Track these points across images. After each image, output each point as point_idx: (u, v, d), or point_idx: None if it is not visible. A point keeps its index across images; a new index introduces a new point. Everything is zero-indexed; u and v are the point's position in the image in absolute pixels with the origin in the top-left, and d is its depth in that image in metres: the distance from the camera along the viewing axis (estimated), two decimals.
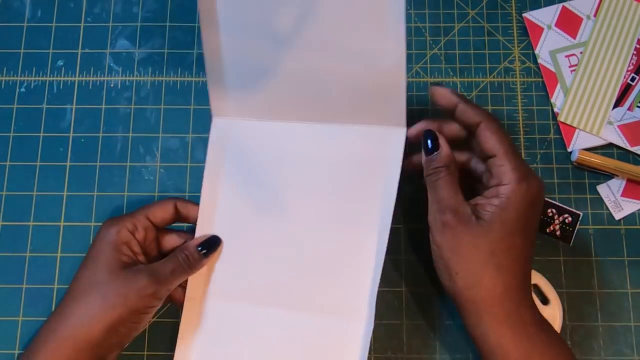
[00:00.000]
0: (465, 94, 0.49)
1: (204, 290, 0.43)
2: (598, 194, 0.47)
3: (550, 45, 0.50)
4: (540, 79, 0.49)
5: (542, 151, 0.48)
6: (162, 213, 0.42)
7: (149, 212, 0.41)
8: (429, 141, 0.39)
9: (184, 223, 0.44)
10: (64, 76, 0.50)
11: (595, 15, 0.50)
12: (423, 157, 0.40)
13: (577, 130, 0.48)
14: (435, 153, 0.39)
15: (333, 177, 0.43)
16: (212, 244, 0.41)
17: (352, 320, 0.41)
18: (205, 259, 0.41)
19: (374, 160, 0.43)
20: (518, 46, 0.50)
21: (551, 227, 0.46)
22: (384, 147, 0.42)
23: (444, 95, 0.40)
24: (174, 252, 0.40)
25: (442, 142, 0.39)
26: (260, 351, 0.42)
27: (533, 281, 0.44)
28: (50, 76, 0.50)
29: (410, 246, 0.46)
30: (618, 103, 0.48)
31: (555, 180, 0.47)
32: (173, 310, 0.45)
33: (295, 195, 0.43)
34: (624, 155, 0.48)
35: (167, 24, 0.51)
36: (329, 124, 0.44)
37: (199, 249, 0.40)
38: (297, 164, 0.44)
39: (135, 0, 0.51)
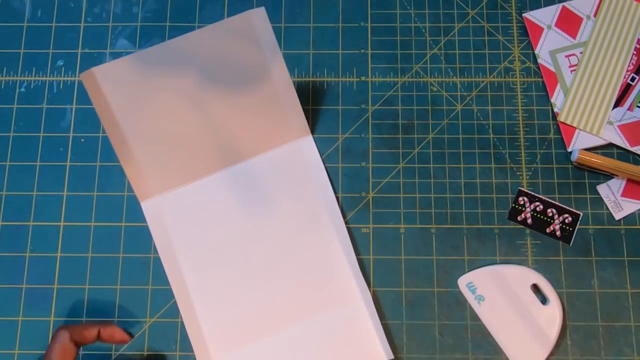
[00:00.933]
0: (465, 94, 0.49)
1: (209, 348, 0.44)
2: (598, 194, 0.47)
3: (550, 45, 0.50)
4: (540, 79, 0.49)
5: (542, 151, 0.48)
6: (90, 336, 0.40)
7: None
8: None
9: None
10: (64, 76, 0.50)
11: (595, 15, 0.50)
12: None
13: (577, 130, 0.48)
14: None
15: (272, 199, 0.46)
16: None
17: (351, 302, 0.44)
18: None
19: (300, 170, 0.47)
20: (518, 46, 0.50)
21: (551, 227, 0.46)
22: (302, 157, 0.47)
23: None
24: None
25: None
26: None
27: (533, 281, 0.45)
28: (50, 76, 0.50)
29: (410, 246, 0.46)
30: (618, 103, 0.48)
31: (555, 180, 0.48)
32: (173, 310, 0.45)
33: (247, 229, 0.46)
34: (624, 155, 0.48)
35: (167, 24, 0.51)
36: (247, 160, 0.47)
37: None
38: (235, 203, 0.46)
39: (135, 0, 0.51)
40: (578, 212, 0.47)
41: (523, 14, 0.50)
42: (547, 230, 0.46)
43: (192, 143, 0.46)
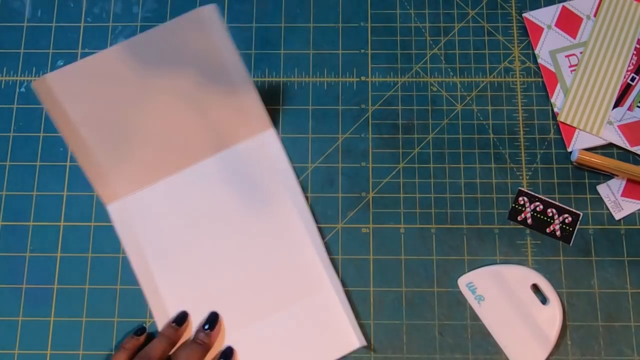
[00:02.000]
0: (465, 94, 0.49)
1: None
2: (598, 194, 0.47)
3: (550, 45, 0.50)
4: (540, 79, 0.49)
5: (542, 151, 0.48)
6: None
7: None
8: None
9: None
10: None
11: (595, 15, 0.50)
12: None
13: (577, 130, 0.48)
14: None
15: (238, 194, 0.46)
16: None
17: (321, 291, 0.45)
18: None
19: (264, 164, 0.47)
20: (518, 46, 0.50)
21: (551, 227, 0.46)
22: (265, 151, 0.47)
23: None
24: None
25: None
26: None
27: (533, 281, 0.45)
28: None
29: (410, 246, 0.46)
30: (618, 103, 0.48)
31: (555, 180, 0.47)
32: None
33: (214, 224, 0.46)
34: (624, 155, 0.48)
35: None
36: (210, 157, 0.47)
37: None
38: (200, 200, 0.46)
39: (135, 0, 0.51)
40: (578, 212, 0.47)
41: (523, 14, 0.50)
42: (547, 230, 0.46)
43: (154, 143, 0.46)
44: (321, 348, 0.44)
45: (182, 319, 0.44)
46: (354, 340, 0.44)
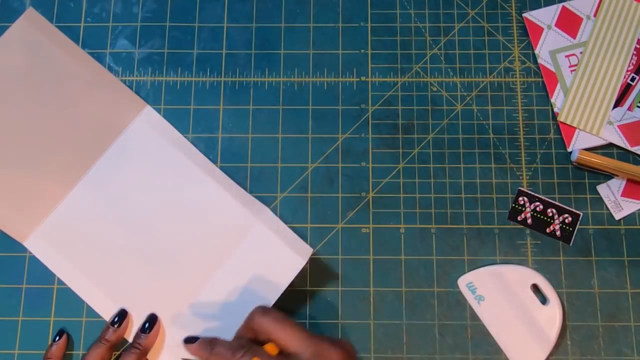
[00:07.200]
0: (465, 94, 0.49)
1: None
2: (598, 194, 0.47)
3: (550, 45, 0.50)
4: (540, 79, 0.49)
5: (542, 151, 0.48)
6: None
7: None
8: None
9: None
10: None
11: (595, 15, 0.50)
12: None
13: (577, 130, 0.48)
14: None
15: (144, 177, 0.47)
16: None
17: (251, 230, 0.45)
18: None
19: (154, 139, 0.47)
20: (518, 46, 0.50)
21: (551, 227, 0.46)
22: (150, 127, 0.48)
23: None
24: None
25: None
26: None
27: (533, 281, 0.45)
28: None
29: (410, 246, 0.46)
30: (618, 103, 0.48)
31: (555, 180, 0.48)
32: None
33: (135, 215, 0.46)
34: (624, 155, 0.48)
35: (167, 24, 0.51)
36: (104, 155, 0.47)
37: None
38: (113, 198, 0.46)
39: (135, 0, 0.51)
40: (578, 212, 0.47)
41: (523, 14, 0.50)
42: (547, 230, 0.46)
43: (44, 162, 0.46)
44: (272, 281, 0.43)
45: (121, 317, 0.44)
46: (297, 258, 0.44)
